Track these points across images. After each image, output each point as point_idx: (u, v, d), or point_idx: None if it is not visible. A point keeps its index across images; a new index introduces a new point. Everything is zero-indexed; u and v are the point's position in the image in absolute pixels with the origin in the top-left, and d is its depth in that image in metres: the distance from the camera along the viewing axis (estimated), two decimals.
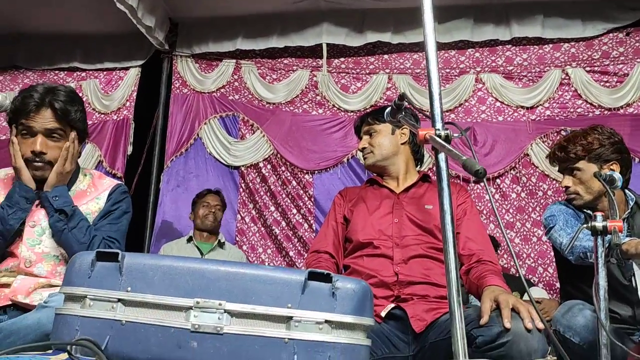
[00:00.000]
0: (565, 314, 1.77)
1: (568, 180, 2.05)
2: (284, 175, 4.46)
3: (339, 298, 1.03)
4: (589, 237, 1.74)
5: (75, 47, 4.72)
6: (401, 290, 1.74)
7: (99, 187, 1.91)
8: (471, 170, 0.92)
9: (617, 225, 1.48)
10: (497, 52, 4.47)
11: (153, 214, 4.41)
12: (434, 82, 1.33)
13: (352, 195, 2.11)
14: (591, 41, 4.35)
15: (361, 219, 1.96)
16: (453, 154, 1.03)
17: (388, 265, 1.79)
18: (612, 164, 2.00)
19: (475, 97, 4.42)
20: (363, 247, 1.88)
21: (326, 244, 2.00)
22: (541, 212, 4.16)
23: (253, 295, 1.02)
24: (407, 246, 1.82)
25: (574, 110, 4.27)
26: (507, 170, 4.25)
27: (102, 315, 1.01)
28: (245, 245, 4.35)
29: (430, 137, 1.20)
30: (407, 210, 1.94)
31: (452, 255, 1.17)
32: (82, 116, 1.85)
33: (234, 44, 4.57)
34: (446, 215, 1.20)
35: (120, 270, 1.04)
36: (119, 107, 4.62)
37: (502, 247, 4.11)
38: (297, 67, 4.64)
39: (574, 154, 2.02)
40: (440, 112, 1.29)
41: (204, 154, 4.55)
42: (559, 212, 2.03)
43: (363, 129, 2.15)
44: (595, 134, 2.01)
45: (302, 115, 4.57)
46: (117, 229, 1.84)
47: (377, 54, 4.62)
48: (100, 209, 1.85)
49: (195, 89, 4.65)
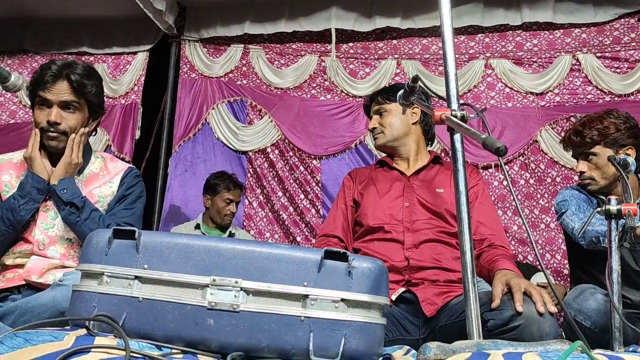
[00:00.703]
0: (576, 298, 1.77)
1: (583, 165, 2.02)
2: (292, 160, 4.45)
3: (354, 277, 1.03)
4: (601, 221, 1.73)
5: (83, 32, 4.71)
6: (412, 275, 1.73)
7: (112, 171, 1.92)
8: (492, 147, 0.92)
9: (631, 209, 1.47)
10: (507, 38, 4.43)
11: (161, 199, 4.42)
12: (450, 63, 1.32)
13: (362, 177, 2.08)
14: (602, 26, 4.31)
15: (371, 203, 1.94)
16: (471, 133, 1.02)
17: (399, 249, 1.79)
18: (627, 149, 1.98)
19: (484, 83, 4.39)
20: (373, 231, 1.87)
21: (335, 227, 1.99)
22: (550, 199, 4.15)
23: (269, 274, 1.02)
24: (418, 230, 1.81)
25: (584, 96, 4.24)
26: (515, 157, 4.23)
27: (119, 292, 1.01)
28: (253, 230, 4.36)
29: (446, 117, 1.19)
30: (417, 193, 1.92)
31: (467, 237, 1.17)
32: (98, 91, 1.87)
33: (242, 28, 4.54)
34: (462, 196, 1.20)
35: (137, 248, 1.04)
36: (127, 92, 4.61)
37: (509, 234, 4.10)
38: (305, 52, 4.62)
39: (590, 138, 1.99)
40: (456, 93, 1.29)
41: (212, 139, 4.55)
42: (571, 197, 2.01)
43: (373, 108, 2.11)
44: (612, 118, 1.99)
45: (310, 101, 4.55)
46: (132, 214, 1.85)
47: (386, 39, 4.58)
48: (113, 193, 1.86)
49: (203, 73, 4.64)
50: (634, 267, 1.87)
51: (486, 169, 4.24)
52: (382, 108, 2.07)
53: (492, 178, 4.24)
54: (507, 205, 4.18)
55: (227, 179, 3.50)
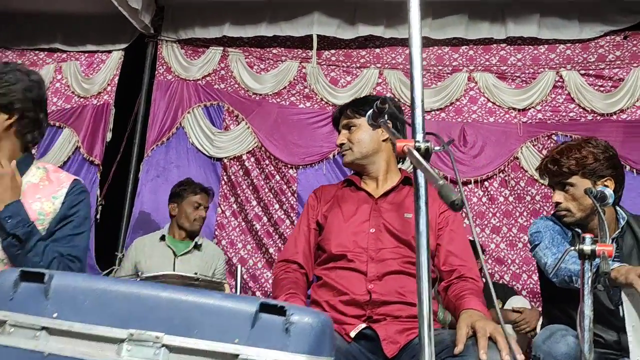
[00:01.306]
0: (546, 340, 1.66)
1: (559, 196, 1.92)
2: (268, 169, 4.33)
3: (293, 334, 0.91)
4: (575, 259, 1.63)
5: (56, 28, 4.55)
6: (374, 310, 1.62)
7: (55, 183, 1.72)
8: (447, 199, 0.81)
9: (606, 250, 1.38)
10: (491, 51, 4.35)
11: (131, 204, 4.28)
12: (417, 88, 1.20)
13: (327, 197, 1.95)
14: (587, 43, 4.25)
15: (335, 227, 1.82)
16: (429, 175, 0.91)
17: (361, 281, 1.67)
18: (606, 180, 1.88)
19: (467, 97, 4.31)
20: (336, 259, 1.75)
21: (296, 252, 1.87)
22: (528, 218, 4.07)
23: (196, 328, 0.90)
24: (382, 261, 1.69)
25: (566, 114, 4.17)
26: (495, 173, 4.15)
27: (22, 345, 0.89)
28: (225, 240, 4.23)
29: (408, 150, 1.08)
30: (384, 218, 1.79)
31: (424, 286, 1.05)
32: (9, 88, 1.64)
33: (221, 30, 4.42)
34: (422, 238, 1.08)
35: (47, 293, 0.91)
36: (99, 92, 4.45)
37: (487, 252, 4.02)
38: (286, 58, 4.50)
39: (567, 168, 1.89)
40: (422, 121, 1.17)
41: (186, 144, 4.41)
42: (545, 229, 1.91)
43: (342, 122, 1.98)
44: (590, 147, 1.89)
45: (289, 108, 4.43)
46: (78, 244, 1.67)
47: (369, 47, 4.49)
48: (55, 210, 1.67)
49: (179, 75, 4.50)
50: (608, 307, 1.77)
51: (465, 184, 4.15)
52: (352, 122, 1.94)
53: (471, 194, 4.16)
54: (485, 222, 4.09)
55: (194, 184, 3.35)
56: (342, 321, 1.63)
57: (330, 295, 1.70)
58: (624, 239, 1.88)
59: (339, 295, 1.66)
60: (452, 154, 1.14)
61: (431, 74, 4.35)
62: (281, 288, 1.76)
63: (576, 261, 1.54)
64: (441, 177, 0.90)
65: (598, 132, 4.08)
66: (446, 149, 1.13)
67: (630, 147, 4.01)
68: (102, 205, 4.27)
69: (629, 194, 3.84)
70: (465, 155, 4.19)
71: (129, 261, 3.23)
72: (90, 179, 4.32)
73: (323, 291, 1.73)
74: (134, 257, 3.22)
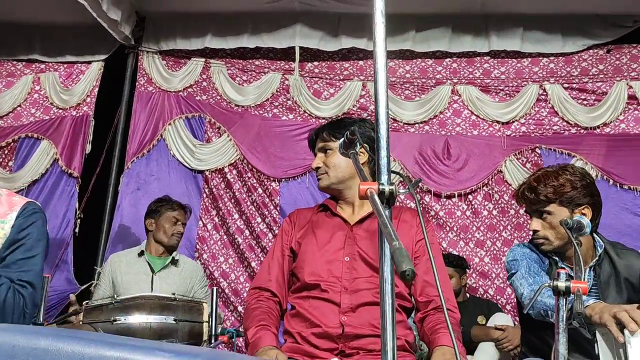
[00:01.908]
0: None
1: (537, 224, 1.89)
2: (250, 181, 4.28)
3: None
4: (551, 292, 1.60)
5: (35, 38, 4.47)
6: (346, 344, 1.58)
7: (6, 206, 1.61)
8: (397, 266, 0.76)
9: (581, 287, 1.34)
10: (475, 64, 4.34)
11: (110, 218, 4.20)
12: (382, 122, 1.16)
13: (302, 221, 1.91)
14: (571, 57, 4.25)
15: (309, 255, 1.78)
16: (386, 233, 0.86)
17: (334, 313, 1.63)
18: (583, 208, 1.86)
19: (450, 109, 4.29)
20: (309, 288, 1.71)
21: (269, 279, 1.83)
22: (512, 231, 4.06)
23: None
24: (356, 292, 1.66)
25: (549, 127, 4.16)
26: (479, 187, 4.12)
27: None
28: (206, 254, 4.17)
29: (370, 194, 1.03)
30: (360, 246, 1.75)
31: (389, 333, 1.01)
32: None
33: (202, 42, 4.37)
34: (386, 285, 1.04)
35: None
36: (78, 103, 4.37)
37: (471, 266, 3.99)
38: (268, 70, 4.46)
39: (544, 196, 1.86)
40: (387, 162, 1.12)
41: (167, 156, 4.34)
42: (522, 257, 1.88)
43: (318, 145, 1.95)
44: (567, 174, 1.86)
45: (272, 120, 4.39)
46: (31, 268, 1.57)
47: (352, 59, 4.45)
48: (6, 235, 1.57)
49: (160, 87, 4.44)
50: (585, 336, 1.74)
51: (449, 198, 4.13)
52: (327, 146, 1.91)
53: (455, 208, 4.13)
54: (469, 236, 4.07)
55: (171, 201, 3.31)
56: (314, 354, 1.59)
57: (302, 327, 1.67)
58: (602, 267, 1.85)
59: (311, 327, 1.63)
60: (417, 198, 1.09)
61: (415, 86, 4.33)
62: (252, 319, 1.73)
63: (552, 295, 1.51)
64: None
65: (581, 146, 4.09)
66: (411, 191, 1.08)
67: (614, 161, 4.01)
68: (80, 219, 4.19)
69: (613, 209, 3.86)
70: (449, 168, 4.16)
71: (106, 277, 3.18)
72: (69, 192, 4.25)
73: (296, 322, 1.69)
74: (110, 273, 3.17)
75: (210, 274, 4.11)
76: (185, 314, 2.51)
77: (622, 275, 1.83)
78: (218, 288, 4.02)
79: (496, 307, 3.54)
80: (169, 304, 2.55)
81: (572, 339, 1.76)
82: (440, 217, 4.10)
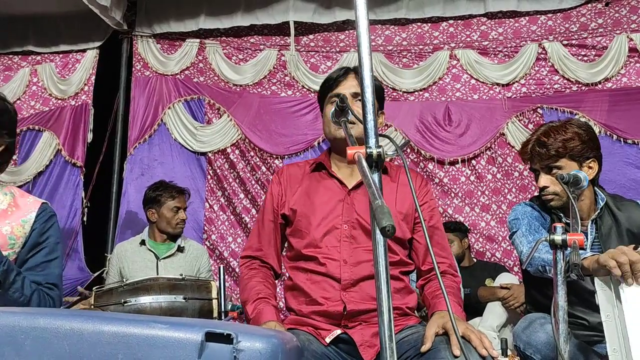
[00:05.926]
0: (525, 329, 1.64)
1: (546, 180, 1.85)
2: (253, 160, 4.28)
3: None
4: (548, 248, 1.59)
5: (28, 30, 4.47)
6: (348, 321, 1.57)
7: (23, 207, 1.68)
8: (378, 223, 0.76)
9: (577, 239, 1.34)
10: (472, 26, 4.28)
11: (117, 205, 4.24)
12: (367, 87, 1.15)
13: (293, 183, 1.78)
14: (569, 12, 4.18)
15: (304, 222, 1.70)
16: (370, 192, 0.87)
17: (335, 289, 1.59)
18: (591, 162, 1.84)
19: (449, 75, 4.25)
20: (306, 259, 1.67)
21: (259, 248, 1.78)
22: (517, 194, 4.05)
23: None
24: (357, 264, 1.61)
25: (550, 86, 4.11)
26: (482, 151, 4.10)
27: None
28: (215, 235, 4.20)
29: (358, 158, 1.03)
30: (358, 213, 1.68)
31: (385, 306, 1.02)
32: None
33: (196, 23, 4.34)
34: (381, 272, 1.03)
35: None
36: (76, 92, 4.38)
37: (477, 230, 4.00)
38: (264, 46, 4.43)
39: (555, 150, 1.82)
40: (374, 125, 1.12)
41: (169, 140, 4.36)
42: (523, 215, 1.87)
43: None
44: (574, 127, 1.82)
45: (271, 97, 4.37)
46: (53, 271, 1.65)
47: (348, 30, 4.40)
48: (26, 234, 1.63)
49: (157, 71, 4.43)
50: (589, 288, 1.75)
51: (453, 164, 4.12)
52: None
53: (459, 173, 4.12)
54: (474, 201, 4.07)
55: (168, 187, 3.27)
56: (317, 326, 1.59)
57: (302, 304, 1.64)
58: (603, 220, 1.84)
59: (311, 304, 1.60)
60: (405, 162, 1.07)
61: (412, 53, 4.28)
62: (249, 291, 1.69)
63: (549, 250, 1.51)
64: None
65: (583, 103, 4.05)
66: (399, 153, 1.08)
67: (617, 116, 3.97)
68: (87, 207, 4.23)
69: (617, 164, 3.83)
70: (451, 134, 4.14)
71: (114, 267, 3.20)
72: (74, 182, 4.28)
73: (295, 296, 1.68)
74: (117, 263, 3.19)
75: (219, 254, 4.15)
76: (195, 293, 2.55)
77: (623, 226, 1.82)
78: (229, 267, 4.10)
79: (503, 269, 3.55)
80: (178, 284, 2.58)
81: (575, 293, 1.78)
82: (445, 183, 4.09)
